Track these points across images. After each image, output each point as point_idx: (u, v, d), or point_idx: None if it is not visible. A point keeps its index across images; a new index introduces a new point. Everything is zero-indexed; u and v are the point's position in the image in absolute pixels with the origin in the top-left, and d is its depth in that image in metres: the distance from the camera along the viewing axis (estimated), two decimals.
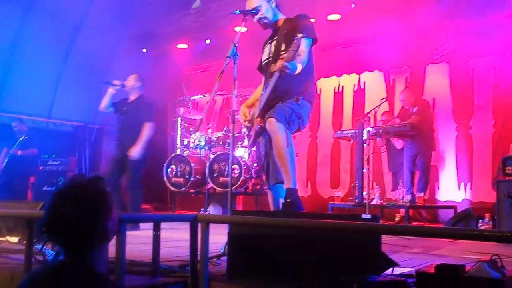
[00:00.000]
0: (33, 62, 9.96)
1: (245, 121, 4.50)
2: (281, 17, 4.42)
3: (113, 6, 10.53)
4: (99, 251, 1.90)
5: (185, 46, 11.50)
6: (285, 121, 4.09)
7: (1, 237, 4.69)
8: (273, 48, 4.31)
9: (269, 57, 4.36)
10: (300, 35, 3.84)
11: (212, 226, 2.98)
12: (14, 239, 4.60)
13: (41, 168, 9.09)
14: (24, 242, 3.48)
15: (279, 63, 3.91)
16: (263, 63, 4.47)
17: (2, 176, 9.08)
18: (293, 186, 4.05)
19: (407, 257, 4.03)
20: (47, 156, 9.34)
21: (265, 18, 4.32)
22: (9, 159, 8.99)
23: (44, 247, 3.68)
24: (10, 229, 4.76)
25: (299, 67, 4.02)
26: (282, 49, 4.19)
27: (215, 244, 3.68)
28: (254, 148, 6.96)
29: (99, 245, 1.90)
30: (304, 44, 4.01)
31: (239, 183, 8.15)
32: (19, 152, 8.85)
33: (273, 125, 4.05)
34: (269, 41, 4.41)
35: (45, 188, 9.03)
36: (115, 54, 11.83)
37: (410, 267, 3.26)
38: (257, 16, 4.31)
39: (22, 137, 8.91)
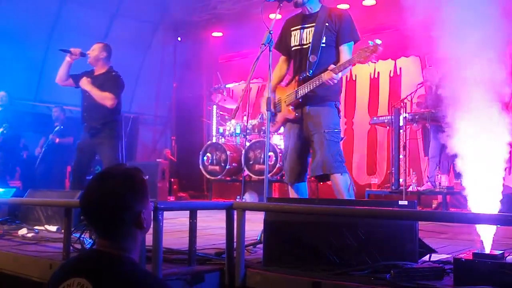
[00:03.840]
0: None
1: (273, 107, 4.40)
2: (320, 4, 4.30)
3: None
4: (134, 240, 1.90)
5: (220, 34, 11.51)
6: (342, 162, 4.12)
7: (40, 225, 4.77)
8: (310, 36, 4.20)
9: (304, 45, 4.24)
10: (346, 45, 4.08)
11: (249, 214, 2.99)
12: (53, 228, 4.68)
13: None
14: (62, 230, 3.52)
15: (328, 75, 3.96)
16: (292, 47, 4.34)
17: (40, 165, 9.25)
18: None
19: (445, 243, 3.99)
20: None
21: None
22: (46, 148, 9.12)
23: (82, 236, 3.75)
24: (48, 218, 4.84)
25: (340, 75, 4.08)
26: (323, 41, 4.14)
27: (252, 232, 3.69)
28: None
29: (132, 233, 1.89)
30: (349, 49, 4.16)
31: (274, 170, 8.16)
32: (57, 140, 8.98)
33: (340, 183, 4.06)
34: (302, 26, 4.27)
35: None
36: (151, 42, 11.93)
37: (447, 254, 3.22)
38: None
39: (58, 127, 9.03)
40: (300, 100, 4.22)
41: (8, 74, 9.10)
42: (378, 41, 3.79)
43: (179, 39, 12.13)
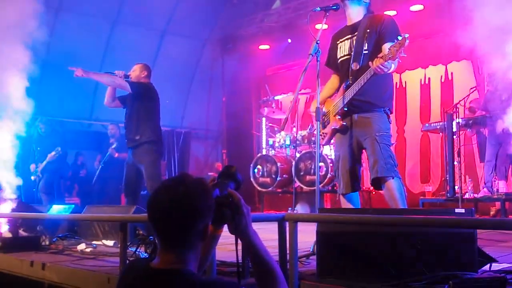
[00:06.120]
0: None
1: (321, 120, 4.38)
2: (364, 13, 4.27)
3: (196, 11, 10.83)
4: (196, 252, 1.83)
5: (267, 47, 11.57)
6: (394, 166, 4.02)
7: (98, 240, 4.92)
8: (352, 45, 4.18)
9: (348, 54, 4.22)
10: (400, 37, 3.72)
11: (301, 225, 2.96)
12: (110, 243, 4.82)
13: None
14: (119, 245, 3.61)
15: (378, 61, 3.79)
16: (339, 60, 4.33)
17: (97, 182, 9.50)
18: None
19: (506, 252, 3.85)
20: None
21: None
22: (103, 163, 9.38)
23: (138, 250, 3.82)
24: (105, 233, 5.02)
25: (393, 67, 3.94)
26: (365, 48, 4.09)
27: (304, 243, 3.66)
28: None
29: (197, 243, 1.82)
30: None
31: (325, 181, 8.11)
32: (116, 154, 9.20)
33: (393, 187, 3.96)
34: (347, 37, 4.27)
35: None
36: (200, 58, 12.11)
37: (509, 263, 3.11)
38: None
39: (114, 145, 9.24)
40: (346, 109, 4.17)
41: (65, 96, 9.41)
42: (406, 35, 3.69)
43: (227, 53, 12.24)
